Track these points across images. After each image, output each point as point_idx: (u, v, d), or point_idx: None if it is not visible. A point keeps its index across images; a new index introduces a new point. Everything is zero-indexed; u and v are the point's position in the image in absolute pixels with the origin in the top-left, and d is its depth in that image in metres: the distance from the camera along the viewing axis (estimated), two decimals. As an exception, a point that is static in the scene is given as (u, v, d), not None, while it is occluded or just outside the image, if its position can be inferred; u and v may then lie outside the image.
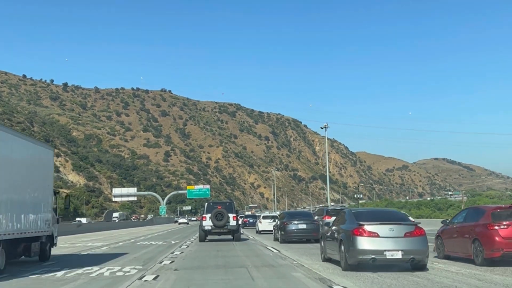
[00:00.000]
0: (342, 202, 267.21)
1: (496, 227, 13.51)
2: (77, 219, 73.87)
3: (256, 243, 26.44)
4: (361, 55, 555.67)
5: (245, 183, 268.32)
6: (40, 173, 16.58)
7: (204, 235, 29.59)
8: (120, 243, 29.07)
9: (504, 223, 13.56)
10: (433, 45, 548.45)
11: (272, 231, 33.99)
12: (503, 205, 15.80)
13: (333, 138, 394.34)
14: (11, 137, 13.92)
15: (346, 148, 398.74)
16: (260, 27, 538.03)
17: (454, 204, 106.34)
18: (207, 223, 29.24)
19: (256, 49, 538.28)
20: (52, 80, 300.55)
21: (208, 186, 76.94)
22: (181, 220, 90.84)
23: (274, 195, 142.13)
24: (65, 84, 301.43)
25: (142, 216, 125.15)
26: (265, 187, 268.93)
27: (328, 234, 14.88)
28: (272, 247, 22.04)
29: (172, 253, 20.08)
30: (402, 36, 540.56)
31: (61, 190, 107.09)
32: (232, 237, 29.81)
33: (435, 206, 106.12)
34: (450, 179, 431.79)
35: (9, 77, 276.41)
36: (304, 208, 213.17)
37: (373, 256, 12.22)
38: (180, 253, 20.11)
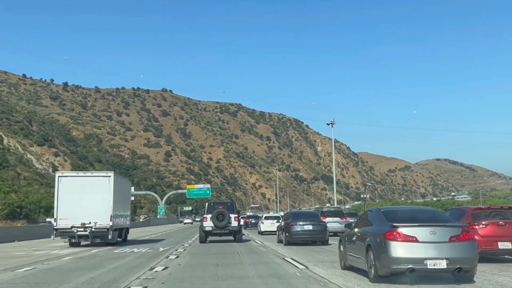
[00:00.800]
0: (344, 203, 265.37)
1: (476, 227, 14.51)
2: (47, 219, 64.64)
3: (260, 246, 24.26)
4: (364, 55, 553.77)
5: (246, 184, 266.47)
6: (127, 195, 31.10)
7: (204, 236, 28.21)
8: (95, 251, 22.47)
9: (483, 222, 14.74)
10: (435, 46, 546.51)
11: (274, 232, 33.20)
12: (482, 206, 17.01)
13: (335, 139, 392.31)
14: (120, 179, 28.17)
15: (348, 148, 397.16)
16: (262, 27, 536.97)
17: (462, 204, 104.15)
18: (208, 224, 27.88)
19: (258, 49, 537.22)
20: (52, 80, 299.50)
21: (208, 186, 74.76)
22: (186, 220, 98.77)
23: (276, 195, 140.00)
24: (65, 84, 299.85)
25: (142, 216, 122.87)
26: (266, 188, 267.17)
27: (350, 239, 12.69)
28: (293, 260, 16.29)
29: (152, 269, 14.08)
30: (406, 36, 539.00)
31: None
32: (233, 238, 28.52)
33: (442, 206, 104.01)
34: (452, 180, 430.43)
35: (8, 77, 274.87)
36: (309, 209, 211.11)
37: (410, 266, 10.05)
38: (163, 269, 14.12)
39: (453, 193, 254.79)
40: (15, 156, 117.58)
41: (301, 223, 24.76)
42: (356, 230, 12.46)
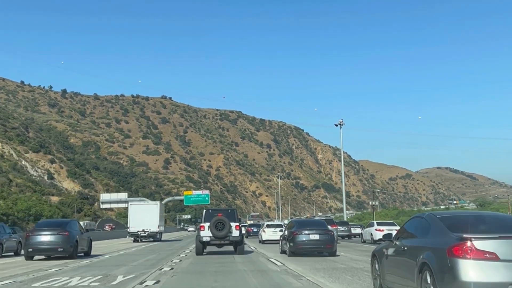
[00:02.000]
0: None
1: None
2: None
3: (267, 262, 20.94)
4: (365, 62, 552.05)
5: (246, 192, 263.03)
6: (162, 213, 48.19)
7: (201, 247, 24.88)
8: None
9: None
10: (435, 53, 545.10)
11: (276, 241, 31.62)
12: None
13: (336, 146, 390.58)
14: (160, 205, 47.28)
15: (349, 156, 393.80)
16: (262, 34, 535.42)
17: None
18: (206, 233, 24.50)
19: (258, 57, 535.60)
20: (51, 87, 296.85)
21: (207, 192, 71.47)
22: (190, 228, 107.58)
23: (279, 203, 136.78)
24: (64, 91, 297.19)
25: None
26: (266, 196, 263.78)
27: (391, 253, 9.62)
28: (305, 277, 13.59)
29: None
30: (406, 42, 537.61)
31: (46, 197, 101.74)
32: (234, 250, 25.39)
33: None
34: (453, 188, 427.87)
35: (6, 84, 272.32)
36: (314, 217, 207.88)
37: None
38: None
39: (454, 202, 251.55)
40: (8, 163, 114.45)
41: (306, 232, 22.66)
42: (399, 243, 9.40)
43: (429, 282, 7.75)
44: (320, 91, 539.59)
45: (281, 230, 34.05)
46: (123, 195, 67.70)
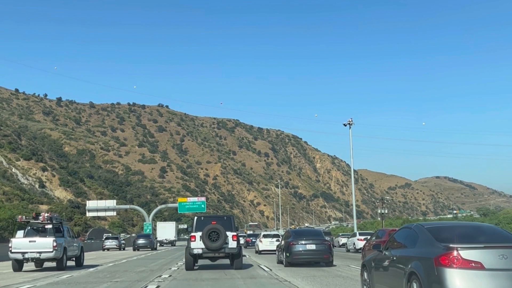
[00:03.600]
0: (345, 221, 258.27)
1: None
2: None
3: (275, 283, 17.50)
4: (363, 69, 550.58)
5: (244, 201, 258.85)
6: (176, 228, 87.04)
7: (192, 261, 21.18)
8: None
9: None
10: (427, 62, 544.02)
11: (273, 251, 31.40)
12: (396, 228, 17.13)
13: (334, 155, 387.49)
14: (176, 223, 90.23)
15: (348, 165, 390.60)
16: (259, 42, 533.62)
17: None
18: (197, 245, 20.76)
19: (255, 65, 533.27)
20: (46, 95, 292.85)
21: (203, 199, 67.74)
22: None
23: (279, 213, 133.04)
24: (59, 99, 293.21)
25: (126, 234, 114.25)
26: (265, 205, 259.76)
27: (380, 263, 10.03)
28: None
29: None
30: (406, 51, 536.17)
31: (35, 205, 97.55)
32: (230, 264, 21.77)
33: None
34: (452, 198, 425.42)
35: (0, 91, 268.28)
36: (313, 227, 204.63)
37: None
38: None
39: (455, 211, 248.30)
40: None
41: (303, 242, 22.39)
42: (387, 253, 9.88)
43: None
44: (318, 99, 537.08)
45: (277, 240, 33.72)
46: (111, 202, 64.05)
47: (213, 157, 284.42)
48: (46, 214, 22.61)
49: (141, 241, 53.33)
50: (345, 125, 47.81)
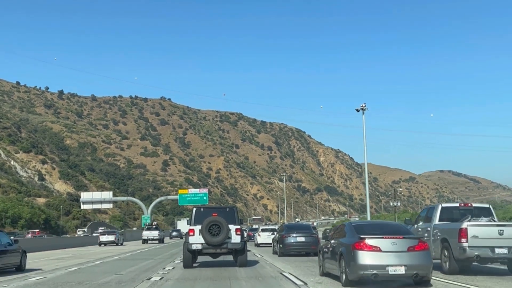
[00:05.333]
0: (348, 215, 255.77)
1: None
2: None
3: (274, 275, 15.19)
4: (366, 62, 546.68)
5: (247, 195, 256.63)
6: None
7: (190, 258, 18.75)
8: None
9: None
10: (427, 53, 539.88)
11: (270, 244, 33.36)
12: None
13: (338, 149, 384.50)
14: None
15: (351, 159, 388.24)
16: (263, 35, 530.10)
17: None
18: (196, 240, 18.40)
19: (258, 58, 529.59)
20: (47, 88, 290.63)
21: (205, 190, 64.21)
22: None
23: (284, 207, 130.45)
24: (61, 92, 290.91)
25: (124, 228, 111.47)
26: (268, 199, 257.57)
27: (327, 248, 14.43)
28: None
29: None
30: (407, 42, 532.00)
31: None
32: (234, 260, 19.44)
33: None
34: (457, 192, 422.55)
35: (1, 84, 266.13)
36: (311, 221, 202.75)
37: (375, 272, 11.80)
38: None
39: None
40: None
41: (294, 235, 25.48)
42: (332, 241, 13.98)
43: (343, 266, 12.44)
44: (322, 92, 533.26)
45: (273, 234, 35.56)
46: (107, 194, 60.67)
47: (216, 151, 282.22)
48: None
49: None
50: (357, 110, 45.11)
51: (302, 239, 25.28)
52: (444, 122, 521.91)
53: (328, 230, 59.14)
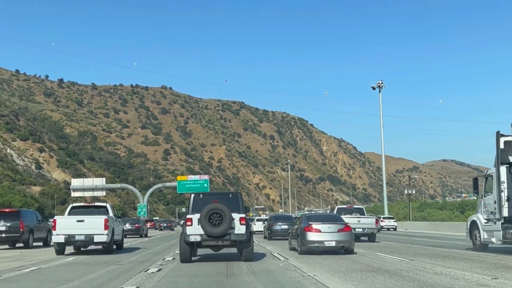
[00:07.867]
0: (350, 205, 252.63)
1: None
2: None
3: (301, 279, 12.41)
4: (370, 52, 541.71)
5: (249, 184, 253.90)
6: None
7: (188, 251, 15.91)
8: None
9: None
10: (430, 45, 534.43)
11: (262, 231, 39.07)
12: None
13: (341, 138, 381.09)
14: None
15: (355, 148, 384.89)
16: (265, 23, 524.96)
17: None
18: (194, 231, 15.63)
19: (260, 46, 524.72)
20: (47, 76, 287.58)
21: (206, 177, 60.08)
22: None
23: (288, 196, 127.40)
24: (61, 80, 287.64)
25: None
26: (270, 188, 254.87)
27: (292, 231, 21.41)
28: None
29: None
30: (412, 33, 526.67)
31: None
32: (239, 254, 16.78)
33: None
34: (460, 181, 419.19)
35: (0, 72, 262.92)
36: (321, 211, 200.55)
37: (317, 245, 18.34)
38: None
39: (463, 195, 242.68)
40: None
41: (279, 223, 32.76)
42: (295, 227, 20.64)
43: (299, 241, 18.92)
44: (325, 81, 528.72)
45: (264, 223, 40.85)
46: (100, 181, 56.94)
47: (218, 140, 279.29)
48: None
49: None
50: (373, 88, 42.01)
51: (285, 226, 31.28)
52: (448, 110, 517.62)
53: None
